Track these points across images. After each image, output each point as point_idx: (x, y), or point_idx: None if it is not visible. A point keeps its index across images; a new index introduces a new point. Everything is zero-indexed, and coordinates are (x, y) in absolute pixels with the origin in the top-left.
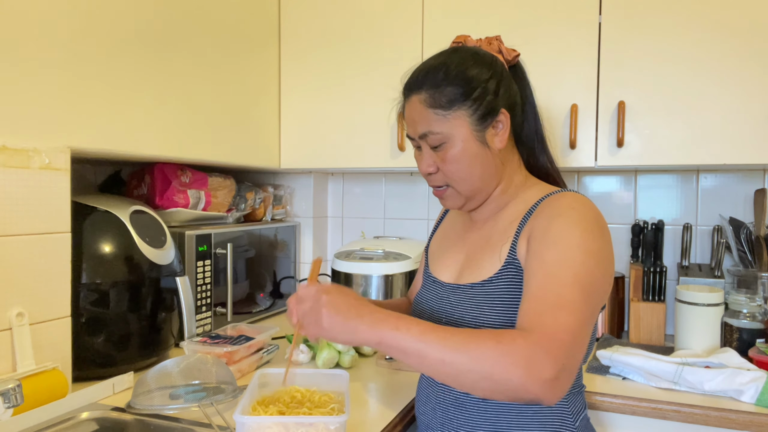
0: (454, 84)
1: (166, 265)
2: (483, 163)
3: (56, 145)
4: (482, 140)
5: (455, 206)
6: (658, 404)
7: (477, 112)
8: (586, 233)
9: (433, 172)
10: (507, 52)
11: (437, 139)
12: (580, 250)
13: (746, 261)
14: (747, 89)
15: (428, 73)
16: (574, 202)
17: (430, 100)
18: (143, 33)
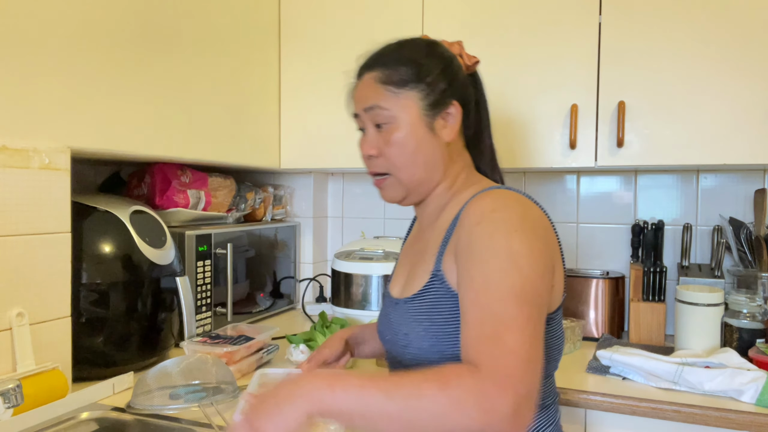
0: (409, 65)
1: (166, 265)
2: (428, 151)
3: (56, 145)
4: (430, 127)
5: (394, 198)
6: (658, 404)
7: (428, 98)
8: (510, 236)
9: (375, 155)
10: (467, 57)
11: (384, 116)
12: (508, 258)
13: (746, 261)
14: (747, 89)
15: (384, 53)
16: (495, 203)
17: (382, 77)
18: (143, 33)
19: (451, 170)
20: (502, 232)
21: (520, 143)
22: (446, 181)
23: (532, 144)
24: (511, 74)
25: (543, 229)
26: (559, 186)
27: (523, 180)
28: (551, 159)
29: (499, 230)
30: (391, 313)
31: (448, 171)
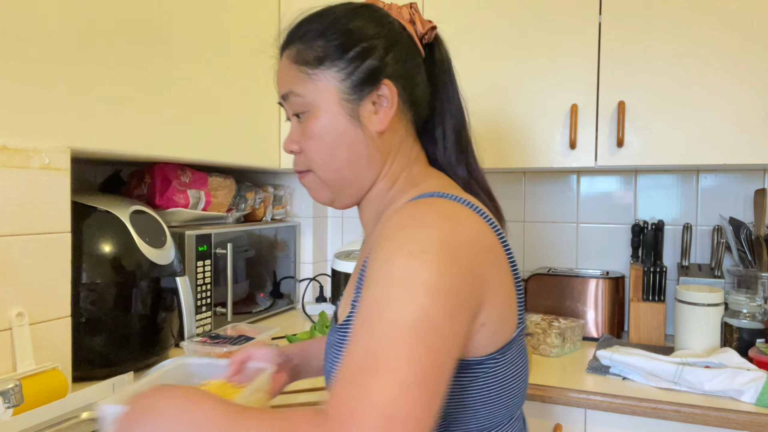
0: (327, 37)
1: (166, 265)
2: (352, 145)
3: (56, 145)
4: (354, 115)
5: (322, 199)
6: (658, 404)
7: (351, 77)
8: (412, 259)
9: (296, 150)
10: (421, 23)
11: (299, 104)
12: (403, 285)
13: (746, 261)
14: (747, 89)
15: (302, 23)
16: (407, 218)
17: (296, 56)
18: (144, 33)
19: (391, 167)
20: (404, 254)
21: (520, 143)
22: (384, 181)
23: (532, 144)
24: (511, 74)
25: (471, 254)
26: (559, 186)
27: (523, 180)
28: (551, 159)
29: (402, 250)
30: (329, 338)
31: (385, 168)
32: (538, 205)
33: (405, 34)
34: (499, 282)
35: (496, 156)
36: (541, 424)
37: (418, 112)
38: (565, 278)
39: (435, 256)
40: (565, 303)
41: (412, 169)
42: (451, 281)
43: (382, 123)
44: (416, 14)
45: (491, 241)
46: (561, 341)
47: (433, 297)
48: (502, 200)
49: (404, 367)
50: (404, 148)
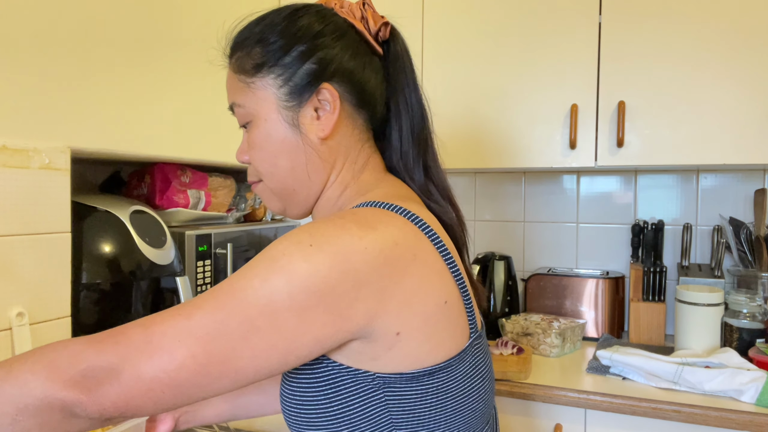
0: (263, 43)
1: (166, 265)
2: (292, 153)
3: (56, 145)
4: (293, 123)
5: (273, 208)
6: (658, 404)
7: (289, 83)
8: (295, 247)
9: (246, 161)
10: (374, 18)
11: (242, 114)
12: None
13: (746, 261)
14: (747, 89)
15: (243, 31)
16: (322, 219)
17: (236, 65)
18: (144, 33)
19: (339, 174)
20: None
21: (520, 143)
22: (332, 189)
23: (532, 144)
24: (511, 74)
25: (365, 264)
26: (559, 186)
27: (523, 180)
28: (551, 159)
29: (290, 238)
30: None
31: (333, 175)
32: (538, 205)
33: (351, 32)
34: (421, 293)
35: (496, 156)
36: (541, 424)
37: (372, 113)
38: (565, 278)
39: (320, 253)
40: (565, 303)
41: (362, 176)
42: (322, 282)
43: (323, 129)
44: (369, 10)
45: (416, 252)
46: (561, 341)
47: (290, 287)
48: (503, 200)
49: (200, 314)
50: (353, 154)
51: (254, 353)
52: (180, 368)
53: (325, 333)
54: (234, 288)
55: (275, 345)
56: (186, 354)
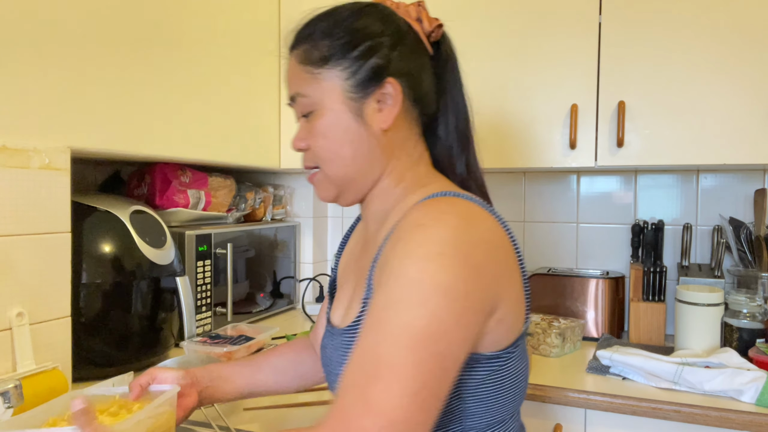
0: (332, 36)
1: (166, 265)
2: (356, 143)
3: (56, 145)
4: (358, 113)
5: (327, 196)
6: (658, 404)
7: (355, 76)
8: (431, 261)
9: (304, 148)
10: (428, 21)
11: (306, 104)
12: (417, 288)
13: (746, 261)
14: (747, 89)
15: (309, 24)
16: (425, 217)
17: (303, 56)
18: (144, 33)
19: (395, 165)
20: (420, 256)
21: (520, 143)
22: (389, 179)
23: (532, 144)
24: (510, 74)
25: (487, 254)
26: (559, 186)
27: (523, 180)
28: (551, 159)
29: (418, 251)
30: (328, 345)
31: (389, 166)
32: (538, 205)
33: (411, 33)
34: (512, 280)
35: (496, 156)
36: (541, 424)
37: (423, 109)
38: (565, 278)
39: (450, 259)
40: (565, 303)
41: (419, 169)
42: (464, 285)
43: (386, 121)
44: (423, 12)
45: (504, 241)
46: (561, 341)
47: (445, 301)
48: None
49: (409, 373)
50: (408, 146)
51: (448, 376)
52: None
53: (474, 331)
54: (405, 330)
55: (456, 358)
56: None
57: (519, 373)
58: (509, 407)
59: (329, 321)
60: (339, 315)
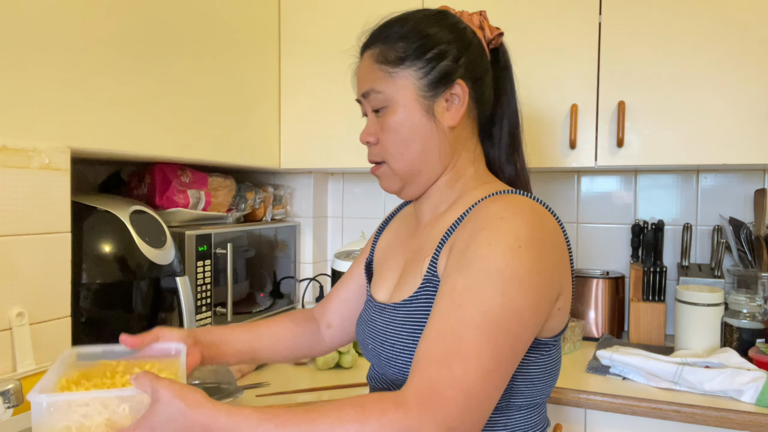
0: (408, 39)
1: (166, 265)
2: (425, 138)
3: (56, 145)
4: (429, 111)
5: (392, 189)
6: (658, 404)
7: (428, 76)
8: (512, 253)
9: (373, 142)
10: (489, 29)
11: (379, 100)
12: (498, 277)
13: (746, 261)
14: (747, 89)
15: (384, 27)
16: (505, 210)
17: (379, 55)
18: (144, 33)
19: (457, 161)
20: (504, 246)
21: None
22: (450, 174)
23: (532, 144)
24: None
25: (553, 248)
26: (559, 186)
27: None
28: (551, 159)
29: (502, 242)
30: (377, 320)
31: (453, 162)
32: None
33: (476, 39)
34: (568, 272)
35: None
36: None
37: (482, 111)
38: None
39: (527, 251)
40: None
41: (477, 167)
42: (538, 276)
43: (453, 119)
44: (485, 21)
45: (562, 237)
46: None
47: (523, 290)
48: None
49: (487, 354)
50: (470, 145)
51: (517, 355)
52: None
53: (543, 318)
54: (485, 315)
55: (527, 342)
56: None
57: (558, 360)
58: (546, 391)
59: (373, 298)
60: (386, 292)
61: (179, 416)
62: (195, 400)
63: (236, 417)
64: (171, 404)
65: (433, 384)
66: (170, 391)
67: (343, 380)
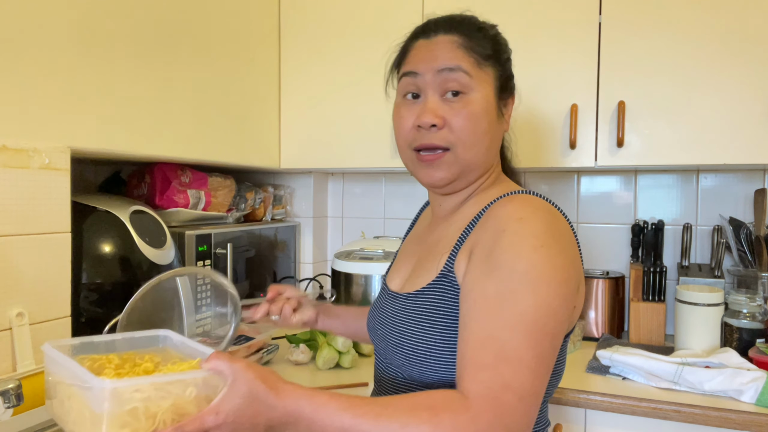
0: (492, 42)
1: (166, 265)
2: (495, 134)
3: (56, 145)
4: (500, 111)
5: (445, 178)
6: (658, 404)
7: (500, 80)
8: (536, 253)
9: (440, 125)
10: None
11: (464, 82)
12: (528, 278)
13: (746, 261)
14: (747, 89)
15: (463, 22)
16: (522, 210)
17: (467, 43)
18: (143, 33)
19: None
20: (529, 247)
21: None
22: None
23: (532, 144)
24: None
25: (569, 244)
26: (559, 186)
27: (523, 180)
28: (551, 159)
29: (526, 243)
30: (388, 308)
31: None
32: None
33: None
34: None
35: None
36: None
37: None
38: None
39: (550, 250)
40: None
41: (499, 168)
42: (563, 272)
43: (508, 122)
44: None
45: (573, 235)
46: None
47: (551, 288)
48: None
49: (530, 354)
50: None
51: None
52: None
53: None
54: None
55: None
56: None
57: (564, 359)
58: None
59: (387, 286)
60: (398, 282)
61: (259, 400)
62: (275, 384)
63: (316, 404)
64: (252, 387)
65: (488, 390)
66: (251, 373)
67: (343, 380)
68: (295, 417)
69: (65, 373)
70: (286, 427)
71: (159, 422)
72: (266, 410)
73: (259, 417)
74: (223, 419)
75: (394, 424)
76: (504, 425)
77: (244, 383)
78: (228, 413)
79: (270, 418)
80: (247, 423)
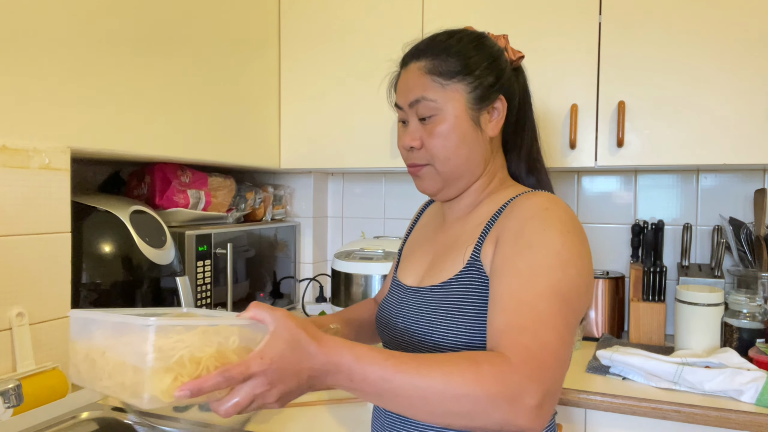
0: (458, 57)
1: (166, 265)
2: (472, 145)
3: (56, 145)
4: (476, 121)
5: (431, 189)
6: (658, 404)
7: (476, 91)
8: (563, 237)
9: (417, 147)
10: (512, 51)
11: (430, 107)
12: (558, 257)
13: (746, 261)
14: (747, 89)
15: (432, 42)
16: (548, 203)
17: (430, 67)
18: (144, 33)
19: (491, 167)
20: (557, 231)
21: None
22: (484, 178)
23: None
24: None
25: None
26: (559, 186)
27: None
28: (551, 159)
29: (554, 228)
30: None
31: (488, 167)
32: None
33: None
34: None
35: None
36: None
37: (508, 124)
38: None
39: (574, 236)
40: None
41: (504, 172)
42: (586, 257)
43: (494, 130)
44: (507, 44)
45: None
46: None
47: (577, 269)
48: None
49: (562, 323)
50: (499, 153)
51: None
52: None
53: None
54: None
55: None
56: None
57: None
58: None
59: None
60: (415, 277)
61: (302, 347)
62: (316, 333)
63: (356, 354)
64: (294, 334)
65: (528, 350)
66: (292, 321)
67: None
68: (335, 365)
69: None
70: (326, 376)
71: (203, 368)
72: (308, 357)
73: (302, 363)
74: (268, 364)
75: (436, 373)
76: (542, 379)
77: (285, 330)
78: (273, 358)
79: (312, 366)
80: (291, 369)
